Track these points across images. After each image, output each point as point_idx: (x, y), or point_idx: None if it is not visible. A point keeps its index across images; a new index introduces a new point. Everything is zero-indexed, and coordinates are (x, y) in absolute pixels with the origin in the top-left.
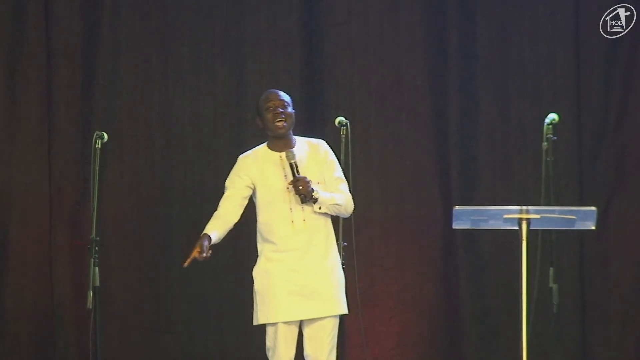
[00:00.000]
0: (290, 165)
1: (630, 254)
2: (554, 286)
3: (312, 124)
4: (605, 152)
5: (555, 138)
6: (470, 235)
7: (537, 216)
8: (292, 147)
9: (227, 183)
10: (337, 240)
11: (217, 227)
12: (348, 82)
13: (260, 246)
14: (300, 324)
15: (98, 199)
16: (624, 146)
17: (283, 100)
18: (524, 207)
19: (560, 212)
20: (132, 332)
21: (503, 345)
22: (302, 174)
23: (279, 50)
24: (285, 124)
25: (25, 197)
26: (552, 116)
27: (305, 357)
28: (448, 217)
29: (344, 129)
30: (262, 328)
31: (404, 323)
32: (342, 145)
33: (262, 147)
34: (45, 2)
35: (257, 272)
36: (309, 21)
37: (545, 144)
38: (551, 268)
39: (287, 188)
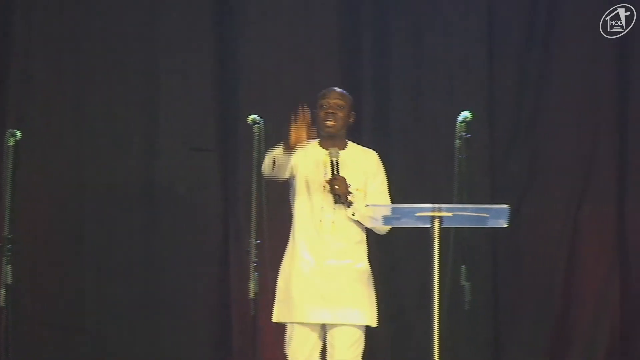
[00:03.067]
0: (331, 162)
1: (542, 251)
2: (466, 284)
3: (225, 122)
4: (517, 150)
5: (468, 136)
6: None
7: (450, 214)
8: (343, 149)
9: None
10: (250, 238)
11: None
12: (261, 80)
13: (289, 242)
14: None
15: (11, 197)
16: (536, 144)
17: (339, 100)
18: (437, 205)
19: (473, 210)
20: (44, 331)
21: (415, 343)
22: (344, 176)
23: (192, 48)
24: (333, 124)
25: None
26: (465, 114)
27: None
28: None
29: (257, 127)
30: (174, 326)
31: None
32: (255, 143)
33: (315, 141)
34: None
35: (281, 268)
36: (222, 19)
37: (458, 141)
38: (463, 266)
39: (324, 186)
